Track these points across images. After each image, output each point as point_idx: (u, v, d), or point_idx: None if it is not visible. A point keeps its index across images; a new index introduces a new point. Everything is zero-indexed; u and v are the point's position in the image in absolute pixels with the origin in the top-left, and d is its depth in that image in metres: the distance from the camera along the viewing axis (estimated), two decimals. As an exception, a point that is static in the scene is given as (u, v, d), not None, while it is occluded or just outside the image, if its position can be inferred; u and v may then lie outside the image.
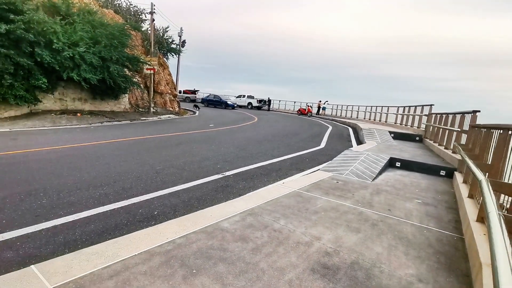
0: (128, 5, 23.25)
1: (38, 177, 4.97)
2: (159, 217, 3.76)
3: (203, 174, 5.83)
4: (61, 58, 11.98)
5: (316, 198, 4.40)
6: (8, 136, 8.51)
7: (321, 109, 31.99)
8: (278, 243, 2.91)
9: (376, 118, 21.65)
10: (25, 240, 3.03)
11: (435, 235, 3.47)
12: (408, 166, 7.24)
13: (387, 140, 11.40)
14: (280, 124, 18.66)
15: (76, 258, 2.37)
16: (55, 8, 13.86)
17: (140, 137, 9.89)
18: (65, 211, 3.73)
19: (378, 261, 2.76)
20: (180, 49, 27.14)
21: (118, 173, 5.50)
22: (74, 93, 14.57)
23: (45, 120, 11.84)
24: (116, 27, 15.01)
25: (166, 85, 22.15)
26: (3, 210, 3.65)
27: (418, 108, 14.27)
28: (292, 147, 9.70)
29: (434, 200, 4.91)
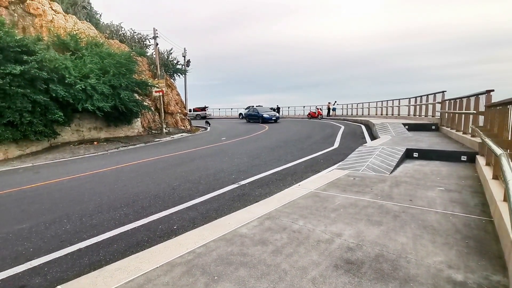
0: (132, 33, 24.16)
1: (61, 205, 5.13)
2: (178, 230, 3.79)
3: (219, 185, 5.85)
4: (74, 91, 12.50)
5: (334, 196, 4.33)
6: (31, 170, 8.86)
7: (331, 110, 31.73)
8: (298, 243, 2.87)
9: (388, 112, 21.25)
10: (52, 265, 3.11)
11: (462, 221, 3.34)
12: (426, 156, 7.04)
13: (402, 133, 11.16)
14: (291, 129, 18.62)
15: (101, 276, 2.42)
16: (65, 45, 14.59)
17: (155, 157, 10.09)
18: (88, 234, 3.83)
19: (403, 251, 2.67)
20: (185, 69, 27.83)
21: (136, 193, 5.60)
22: (89, 123, 15.09)
23: (64, 152, 12.28)
24: (123, 55, 15.59)
25: (176, 105, 22.63)
26: (30, 239, 3.78)
27: (430, 97, 13.93)
28: (305, 151, 9.63)
29: (457, 186, 4.74)
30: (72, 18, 17.31)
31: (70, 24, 16.55)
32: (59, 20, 16.13)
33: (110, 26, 23.44)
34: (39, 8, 15.19)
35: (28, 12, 14.91)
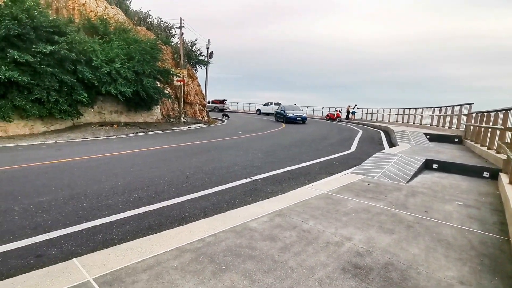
0: (159, 22, 24.53)
1: (79, 182, 5.33)
2: (189, 218, 3.85)
3: (232, 178, 5.90)
4: (99, 74, 12.88)
5: (347, 200, 4.28)
6: (54, 147, 9.22)
7: (351, 114, 31.22)
8: (307, 243, 2.86)
9: (410, 120, 20.69)
10: (68, 238, 3.24)
11: (478, 238, 3.23)
12: (446, 168, 6.82)
13: (423, 142, 10.85)
14: (308, 129, 18.47)
15: (113, 253, 2.50)
16: (94, 29, 15.00)
17: (171, 145, 10.27)
18: (104, 213, 3.95)
19: (414, 262, 2.62)
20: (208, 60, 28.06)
21: (151, 178, 5.73)
22: (111, 106, 15.51)
23: (85, 132, 12.70)
24: (148, 42, 15.87)
25: (195, 95, 22.88)
26: (50, 212, 3.95)
27: (456, 108, 13.45)
28: (321, 152, 9.55)
29: (476, 202, 4.58)
30: (103, 3, 17.76)
31: (101, 9, 17.00)
32: (91, 4, 16.58)
33: (138, 13, 23.89)
34: (73, -9, 15.64)
35: (62, -6, 15.38)
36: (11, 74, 9.97)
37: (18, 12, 10.39)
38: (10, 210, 3.94)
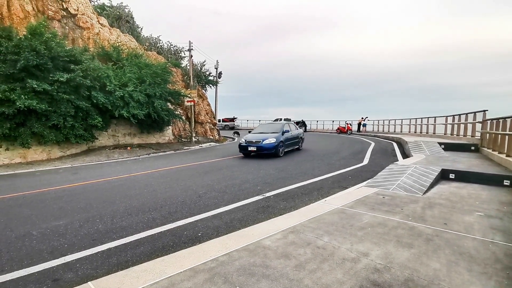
0: (169, 46, 25.43)
1: (95, 205, 5.42)
2: (203, 238, 3.84)
3: (244, 196, 5.88)
4: (113, 99, 13.33)
5: (361, 214, 4.18)
6: (70, 171, 9.46)
7: (362, 126, 30.96)
8: (322, 260, 2.79)
9: (423, 130, 20.32)
10: (83, 262, 3.27)
11: (502, 250, 3.08)
12: (464, 178, 6.62)
13: (437, 152, 10.60)
14: (319, 144, 18.36)
15: (128, 276, 2.51)
16: (108, 56, 15.68)
17: (184, 165, 10.37)
18: (118, 235, 3.99)
19: (436, 278, 2.51)
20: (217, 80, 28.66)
21: (164, 198, 5.78)
22: (124, 129, 15.91)
23: (100, 155, 13.00)
24: (159, 66, 16.42)
25: (206, 115, 23.25)
26: (65, 235, 4.01)
27: (470, 116, 13.17)
28: (333, 166, 9.44)
29: (498, 212, 4.40)
30: (116, 31, 18.61)
31: (114, 37, 17.79)
32: (105, 33, 17.39)
33: (149, 38, 24.87)
34: (87, 22, 16.51)
35: (77, 25, 16.25)
36: (30, 103, 10.43)
37: (37, 44, 10.98)
38: (28, 235, 4.03)
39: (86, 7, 16.79)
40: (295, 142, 13.37)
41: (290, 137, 12.72)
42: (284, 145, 12.07)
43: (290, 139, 12.72)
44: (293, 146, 13.27)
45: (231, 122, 42.68)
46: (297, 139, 13.63)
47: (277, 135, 11.87)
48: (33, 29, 11.59)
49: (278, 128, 12.48)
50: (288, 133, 12.58)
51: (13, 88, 10.58)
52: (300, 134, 14.16)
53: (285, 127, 12.61)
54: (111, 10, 21.93)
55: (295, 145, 13.49)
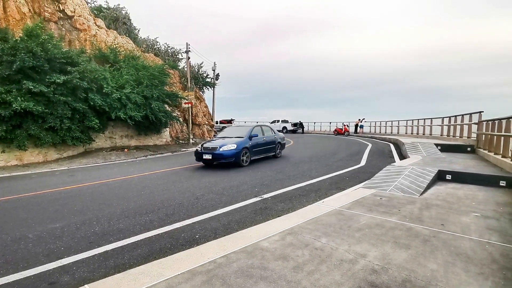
0: (166, 48, 25.40)
1: (91, 207, 5.38)
2: (200, 240, 3.83)
3: (242, 198, 5.88)
4: (110, 100, 13.30)
5: (359, 215, 4.19)
6: (67, 173, 9.40)
7: (359, 127, 31.08)
8: (320, 261, 2.79)
9: (419, 132, 20.44)
10: (80, 265, 3.25)
11: (499, 250, 3.10)
12: (460, 179, 6.66)
13: (434, 153, 10.66)
14: (317, 145, 18.40)
15: (125, 278, 2.49)
16: (105, 57, 15.64)
17: (181, 166, 10.34)
18: (115, 237, 3.97)
19: (433, 278, 2.52)
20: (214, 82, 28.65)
21: (162, 200, 5.76)
22: (122, 131, 15.86)
23: (97, 157, 12.94)
24: (156, 68, 16.41)
25: (203, 116, 23.24)
26: (62, 238, 3.98)
27: (466, 117, 13.28)
28: (330, 167, 9.46)
29: (495, 212, 4.43)
30: (113, 33, 18.58)
31: (111, 39, 17.76)
32: (102, 34, 17.36)
33: (146, 40, 24.84)
34: (84, 23, 16.47)
35: (74, 27, 16.21)
36: (27, 105, 10.37)
37: (33, 46, 10.94)
38: (24, 238, 4.00)
39: (83, 9, 16.76)
40: (269, 148, 11.34)
41: (261, 143, 10.84)
42: (251, 152, 10.13)
43: (261, 144, 10.81)
44: (266, 153, 11.26)
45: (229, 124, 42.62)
46: (272, 145, 11.57)
47: (240, 141, 9.91)
48: (29, 31, 11.54)
49: (245, 132, 10.60)
50: (257, 138, 10.68)
51: (9, 90, 10.52)
52: (278, 139, 12.17)
53: (254, 131, 10.79)
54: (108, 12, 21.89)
55: (269, 151, 11.43)
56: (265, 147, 11.08)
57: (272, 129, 12.30)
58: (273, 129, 12.43)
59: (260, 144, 10.77)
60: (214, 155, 9.39)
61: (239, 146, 9.61)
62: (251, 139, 10.29)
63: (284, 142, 12.71)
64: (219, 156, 9.36)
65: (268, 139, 11.38)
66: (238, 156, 9.51)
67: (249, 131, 10.53)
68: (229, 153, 9.39)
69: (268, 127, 12.12)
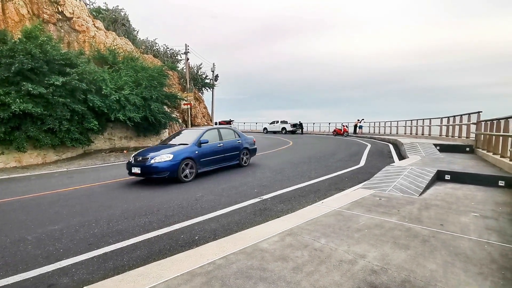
0: (165, 49, 25.42)
1: (90, 209, 5.38)
2: (200, 241, 3.82)
3: (241, 198, 5.88)
4: (109, 102, 13.29)
5: (358, 216, 4.20)
6: (66, 175, 9.39)
7: (358, 128, 31.12)
8: (320, 262, 2.80)
9: (418, 132, 20.48)
10: (79, 266, 3.24)
11: (498, 250, 3.11)
12: (459, 179, 6.67)
13: (433, 153, 10.68)
14: (316, 146, 18.41)
15: (124, 280, 2.49)
16: (104, 59, 15.64)
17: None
18: (114, 239, 3.96)
19: (432, 279, 2.52)
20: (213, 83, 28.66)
21: (161, 202, 5.75)
22: (121, 132, 15.84)
23: (96, 159, 12.93)
24: (155, 69, 16.42)
25: (203, 117, 23.24)
26: (61, 240, 3.97)
27: (465, 117, 13.32)
28: (330, 168, 9.47)
29: (493, 212, 4.43)
30: (112, 34, 18.58)
31: (110, 40, 17.77)
32: (100, 36, 17.36)
33: (145, 41, 24.85)
34: (83, 25, 16.47)
35: (73, 29, 16.21)
36: (25, 107, 10.36)
37: (32, 47, 10.93)
38: (23, 240, 3.99)
39: (81, 10, 16.76)
40: (229, 156, 9.33)
41: (217, 150, 8.85)
42: (199, 163, 8.08)
43: (216, 152, 8.82)
44: (225, 162, 9.21)
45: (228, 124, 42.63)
46: (234, 152, 9.56)
47: (180, 149, 7.92)
48: (28, 33, 11.54)
49: (194, 137, 8.55)
50: (210, 145, 8.63)
51: (8, 91, 10.51)
52: (244, 144, 10.08)
53: (206, 136, 8.72)
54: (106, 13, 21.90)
55: (230, 160, 9.42)
56: (222, 155, 9.07)
57: (236, 132, 10.32)
58: (237, 132, 10.40)
59: (214, 152, 8.76)
60: (144, 168, 7.38)
61: (177, 157, 7.54)
62: (200, 145, 8.32)
63: (254, 147, 10.72)
64: (149, 170, 7.33)
65: (228, 145, 9.36)
66: (175, 169, 7.43)
67: (198, 136, 8.51)
68: (162, 166, 7.31)
69: (231, 130, 10.24)
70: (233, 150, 9.55)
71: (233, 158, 9.57)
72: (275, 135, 32.68)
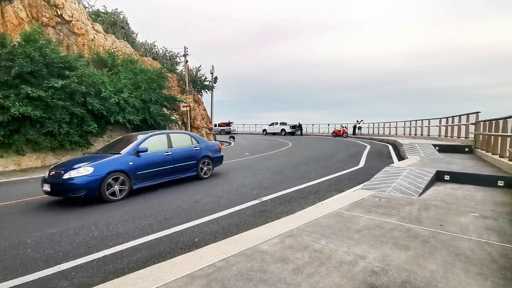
0: (164, 51, 25.44)
1: (89, 212, 5.37)
2: (200, 243, 3.82)
3: (241, 200, 5.87)
4: (108, 105, 13.28)
5: (358, 217, 4.20)
6: (65, 178, 9.36)
7: (357, 129, 31.16)
8: (320, 263, 2.79)
9: (417, 132, 20.51)
10: (78, 270, 3.23)
11: (498, 250, 3.11)
12: (458, 179, 6.68)
13: (432, 154, 10.69)
14: (315, 147, 18.42)
15: (124, 283, 2.48)
16: (103, 62, 15.65)
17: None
18: (114, 242, 3.95)
19: (433, 279, 2.52)
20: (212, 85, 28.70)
21: (160, 204, 5.74)
22: (120, 135, 15.81)
23: (95, 162, 12.90)
24: (154, 71, 16.43)
25: (202, 119, 23.24)
26: (60, 243, 3.96)
27: (463, 118, 13.34)
28: (329, 169, 9.47)
29: (493, 212, 4.44)
30: (111, 37, 18.60)
31: (109, 43, 17.78)
32: (100, 39, 17.38)
33: (144, 44, 24.87)
34: (82, 28, 16.49)
35: (72, 32, 16.22)
36: (25, 110, 10.35)
37: (31, 50, 10.94)
38: (22, 243, 3.98)
39: (80, 14, 16.79)
40: (181, 167, 7.65)
41: (164, 160, 7.22)
42: (134, 177, 6.55)
43: (162, 163, 7.17)
44: (177, 174, 7.57)
45: (227, 126, 42.70)
46: (190, 162, 7.90)
47: (108, 160, 6.42)
48: (27, 36, 11.54)
49: (130, 145, 6.97)
50: (151, 154, 6.97)
51: (7, 95, 10.50)
52: (204, 151, 8.40)
53: (147, 143, 7.04)
54: (106, 16, 21.93)
55: (183, 171, 7.75)
56: (172, 165, 7.37)
57: (194, 137, 8.57)
58: (196, 137, 8.66)
59: (159, 162, 7.11)
60: (54, 185, 5.85)
61: (99, 170, 6.00)
62: (138, 155, 6.74)
63: (218, 155, 8.99)
64: (61, 187, 5.80)
65: (180, 153, 7.68)
66: (95, 186, 5.87)
67: (135, 144, 6.94)
68: (77, 182, 5.73)
69: (187, 136, 8.51)
70: (187, 159, 7.85)
71: (187, 168, 7.86)
72: (275, 137, 32.70)
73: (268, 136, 36.20)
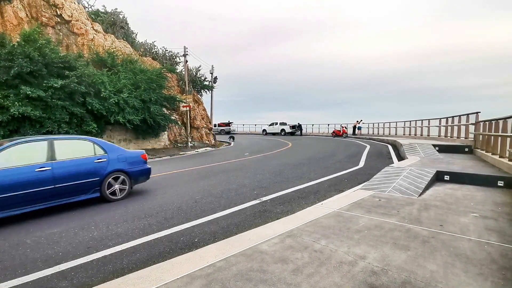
0: (164, 51, 25.41)
1: (89, 212, 5.36)
2: (199, 243, 3.81)
3: (241, 200, 5.87)
4: (108, 105, 13.29)
5: (358, 217, 4.19)
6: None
7: (357, 129, 31.17)
8: (320, 264, 2.79)
9: (417, 133, 20.52)
10: (78, 270, 3.22)
11: (498, 250, 3.11)
12: (458, 179, 6.68)
13: (432, 154, 10.69)
14: (315, 147, 18.42)
15: (123, 283, 2.48)
16: (102, 62, 15.65)
17: (179, 170, 10.32)
18: (114, 242, 3.94)
19: (433, 279, 2.52)
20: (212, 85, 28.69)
21: (160, 204, 5.74)
22: (120, 135, 15.82)
23: (95, 162, 12.89)
24: (154, 71, 16.43)
25: (202, 119, 23.23)
26: (60, 243, 3.96)
27: (463, 118, 13.34)
28: (329, 169, 9.47)
29: (493, 212, 4.44)
30: (110, 37, 18.59)
31: (109, 43, 17.77)
32: (99, 39, 17.37)
33: (144, 44, 24.84)
34: (82, 28, 16.48)
35: (72, 32, 16.21)
36: (24, 110, 10.35)
37: (31, 50, 10.93)
38: (22, 243, 3.97)
39: (80, 13, 16.78)
40: (71, 187, 5.46)
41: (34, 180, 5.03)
42: None
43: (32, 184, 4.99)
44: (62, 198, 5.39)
45: (227, 126, 42.69)
46: (86, 180, 5.69)
47: None
48: (26, 36, 11.54)
49: None
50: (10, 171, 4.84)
51: (7, 95, 10.50)
52: (112, 165, 6.13)
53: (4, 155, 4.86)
54: (105, 16, 21.91)
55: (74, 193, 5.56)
56: (52, 186, 5.22)
57: (99, 144, 6.22)
58: (101, 144, 6.26)
59: (25, 183, 4.93)
60: None
61: None
62: None
63: (141, 168, 6.74)
64: None
65: (69, 169, 5.49)
66: None
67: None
68: None
69: (87, 142, 6.08)
70: (82, 176, 5.66)
71: (81, 189, 5.68)
72: (274, 137, 32.69)
73: (268, 136, 36.19)
